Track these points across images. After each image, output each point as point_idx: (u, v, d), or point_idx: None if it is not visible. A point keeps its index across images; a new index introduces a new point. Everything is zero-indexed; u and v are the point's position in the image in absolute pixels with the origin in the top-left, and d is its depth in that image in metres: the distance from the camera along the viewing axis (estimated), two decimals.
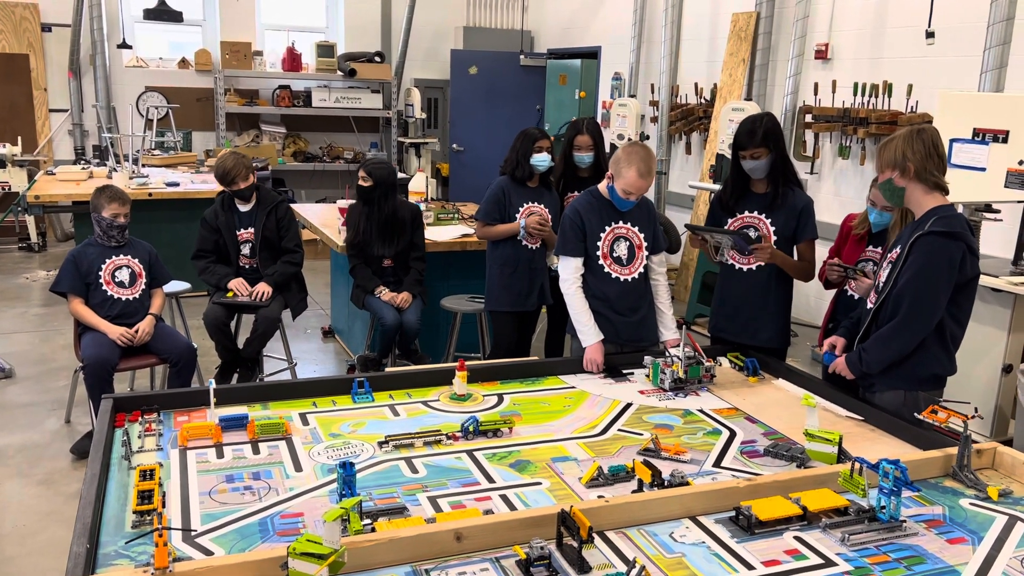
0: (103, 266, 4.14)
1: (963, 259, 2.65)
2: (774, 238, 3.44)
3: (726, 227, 3.52)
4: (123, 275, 4.17)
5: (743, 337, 3.52)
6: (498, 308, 4.35)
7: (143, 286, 4.23)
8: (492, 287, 4.36)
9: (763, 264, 3.44)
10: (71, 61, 9.07)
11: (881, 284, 2.82)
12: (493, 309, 4.38)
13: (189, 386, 4.19)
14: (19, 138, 8.47)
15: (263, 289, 4.56)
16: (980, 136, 4.33)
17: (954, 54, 5.48)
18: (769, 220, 3.47)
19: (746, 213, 3.50)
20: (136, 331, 4.08)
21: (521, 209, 4.28)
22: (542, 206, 4.29)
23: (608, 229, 3.35)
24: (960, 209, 2.82)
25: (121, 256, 4.19)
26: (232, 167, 4.52)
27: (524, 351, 4.58)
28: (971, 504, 2.11)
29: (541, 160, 4.21)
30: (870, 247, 3.49)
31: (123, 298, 4.16)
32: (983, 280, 3.87)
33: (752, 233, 3.47)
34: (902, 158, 2.69)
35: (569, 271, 3.35)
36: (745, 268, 3.50)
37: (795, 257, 3.51)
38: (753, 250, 3.37)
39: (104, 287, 4.13)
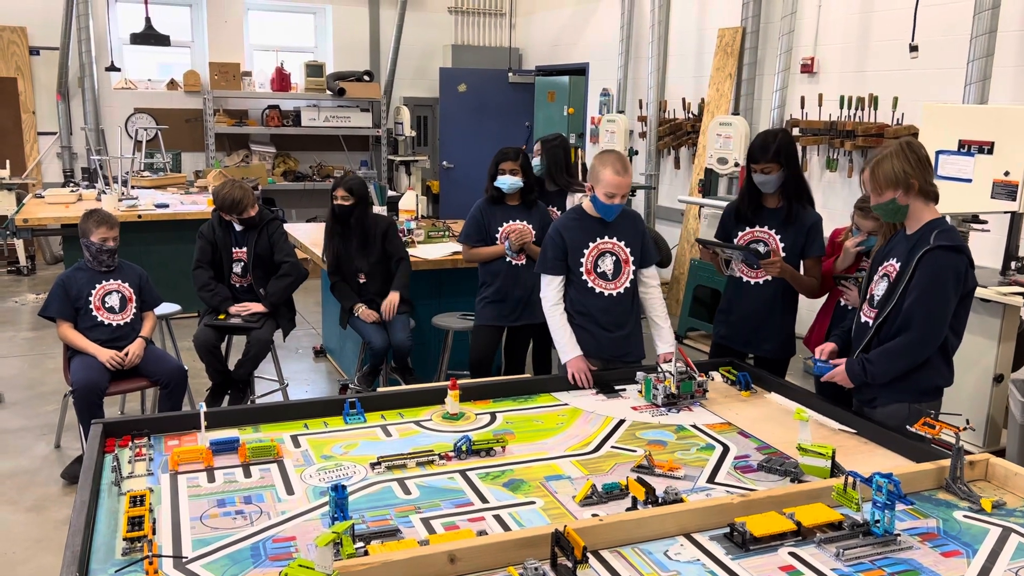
0: (93, 291, 4.11)
1: (965, 272, 2.67)
2: (783, 254, 3.49)
3: (735, 241, 3.57)
4: (113, 300, 4.15)
5: (748, 348, 3.59)
6: (479, 322, 4.36)
7: (133, 311, 4.21)
8: (478, 301, 4.38)
9: (771, 279, 3.51)
10: (59, 84, 9.07)
11: (878, 297, 2.81)
12: (476, 323, 4.39)
13: (180, 408, 4.17)
14: (7, 161, 8.45)
15: (254, 308, 4.55)
16: (966, 148, 4.37)
17: (938, 67, 5.53)
18: (779, 236, 3.52)
19: (756, 228, 3.56)
20: (126, 354, 4.06)
21: (500, 229, 4.29)
22: (523, 223, 4.29)
23: (592, 245, 3.36)
24: (948, 220, 2.83)
25: (111, 281, 4.17)
26: (241, 197, 4.51)
27: (519, 368, 4.58)
28: (965, 516, 2.11)
29: (504, 182, 4.21)
30: (866, 258, 3.51)
31: (113, 323, 4.13)
32: None
33: (761, 248, 3.51)
34: (904, 175, 2.65)
35: (548, 289, 3.38)
36: (753, 282, 3.57)
37: (801, 273, 3.58)
38: (762, 265, 3.43)
39: (94, 312, 4.10)
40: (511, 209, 4.31)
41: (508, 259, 4.27)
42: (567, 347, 3.27)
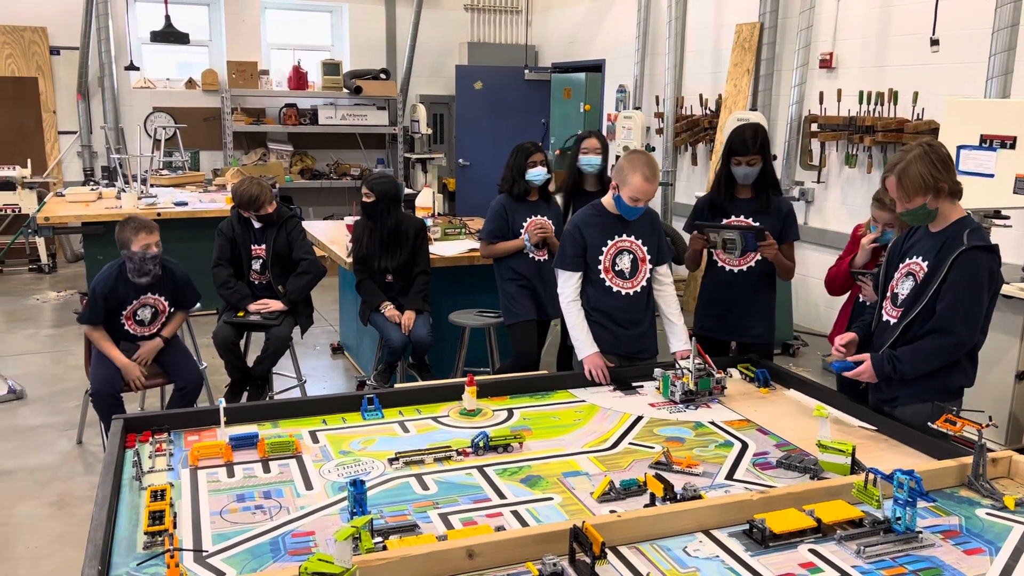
0: (129, 306, 4.11)
1: (997, 271, 2.65)
2: None
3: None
4: (144, 313, 4.16)
5: (732, 336, 3.68)
6: (517, 319, 4.32)
7: (161, 324, 4.23)
8: (508, 299, 4.34)
9: (753, 264, 3.61)
10: (79, 83, 9.15)
11: (902, 296, 2.77)
12: (513, 321, 4.34)
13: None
14: (29, 160, 8.54)
15: (274, 306, 4.57)
16: (987, 143, 4.32)
17: (959, 61, 5.47)
18: (757, 223, 3.60)
19: (733, 218, 3.66)
20: (144, 362, 4.09)
21: (524, 224, 4.29)
22: (544, 218, 4.30)
23: (611, 243, 3.36)
24: (971, 216, 2.80)
25: (149, 295, 4.16)
26: (259, 194, 4.53)
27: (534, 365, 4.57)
28: (987, 514, 2.09)
29: (536, 174, 4.23)
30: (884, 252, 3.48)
31: (138, 334, 4.16)
32: None
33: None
34: (933, 181, 2.61)
35: (566, 285, 3.39)
36: (736, 270, 3.65)
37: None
38: (760, 247, 3.51)
39: (124, 323, 4.12)
40: (533, 204, 4.34)
41: (530, 255, 4.27)
42: (584, 344, 3.27)
